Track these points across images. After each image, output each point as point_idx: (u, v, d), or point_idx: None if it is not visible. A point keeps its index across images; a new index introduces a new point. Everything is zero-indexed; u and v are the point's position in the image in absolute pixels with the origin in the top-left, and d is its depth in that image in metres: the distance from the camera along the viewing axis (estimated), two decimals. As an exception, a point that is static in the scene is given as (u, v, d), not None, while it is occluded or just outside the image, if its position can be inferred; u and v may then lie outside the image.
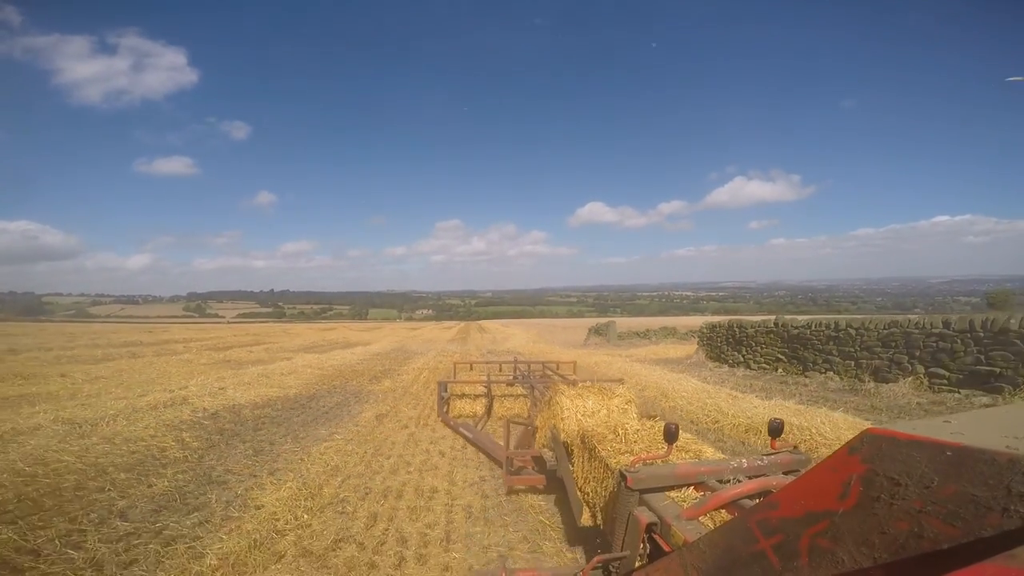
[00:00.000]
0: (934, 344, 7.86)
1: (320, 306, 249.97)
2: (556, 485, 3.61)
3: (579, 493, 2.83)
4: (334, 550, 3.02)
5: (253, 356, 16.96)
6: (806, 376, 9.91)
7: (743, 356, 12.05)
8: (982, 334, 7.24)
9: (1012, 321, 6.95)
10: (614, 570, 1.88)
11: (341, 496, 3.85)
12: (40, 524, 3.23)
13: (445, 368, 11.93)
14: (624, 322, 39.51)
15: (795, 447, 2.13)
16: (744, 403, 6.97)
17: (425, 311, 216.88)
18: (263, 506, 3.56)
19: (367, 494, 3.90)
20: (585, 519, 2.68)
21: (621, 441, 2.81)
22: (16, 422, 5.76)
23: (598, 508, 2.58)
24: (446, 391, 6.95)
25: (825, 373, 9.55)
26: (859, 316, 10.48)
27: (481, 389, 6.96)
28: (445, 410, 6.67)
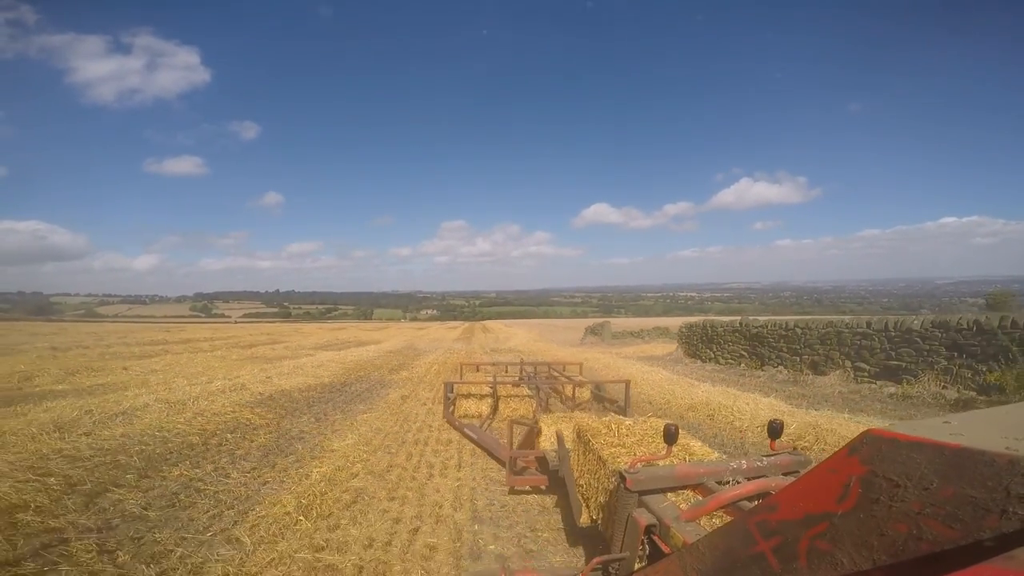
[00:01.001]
0: (859, 342, 9.46)
1: (325, 306, 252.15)
2: (558, 485, 3.78)
3: (576, 487, 2.98)
4: (387, 471, 4.69)
5: (277, 353, 18.70)
6: (762, 369, 11.53)
7: (714, 352, 13.68)
8: (893, 333, 8.84)
9: (915, 322, 8.54)
10: (613, 571, 1.90)
11: (386, 444, 5.55)
12: (192, 466, 4.92)
13: (453, 362, 13.62)
14: (621, 322, 41.09)
15: (794, 448, 2.15)
16: (697, 390, 8.61)
17: (429, 311, 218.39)
18: (336, 450, 5.25)
19: (403, 443, 5.60)
20: (584, 520, 2.70)
21: (614, 435, 2.97)
22: (124, 404, 7.46)
23: (592, 502, 2.67)
24: (452, 391, 6.97)
25: (776, 367, 11.17)
26: (806, 317, 12.03)
27: (487, 390, 7.01)
28: (451, 410, 6.72)
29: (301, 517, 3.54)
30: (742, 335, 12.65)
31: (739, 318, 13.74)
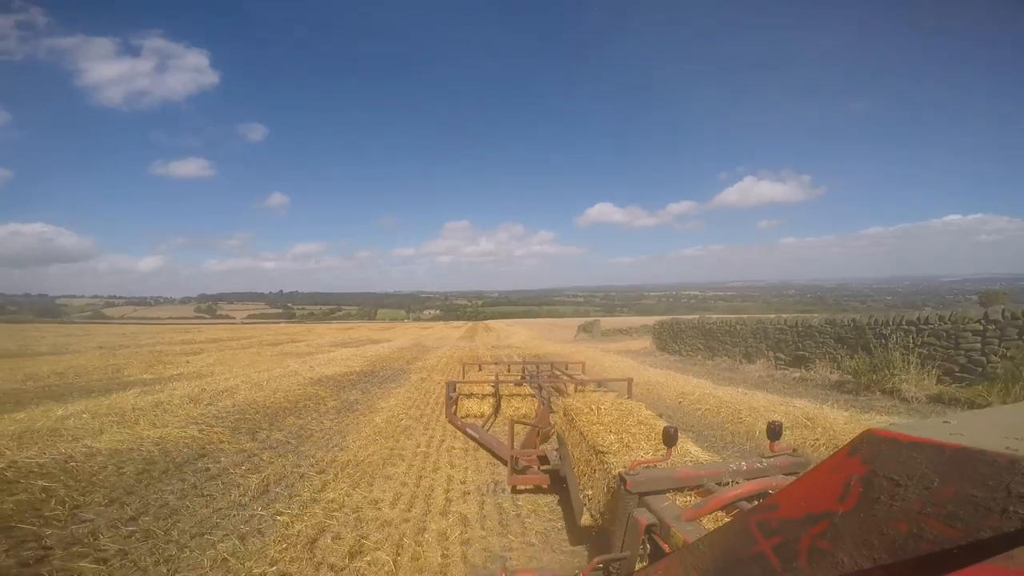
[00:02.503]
0: (778, 336, 11.96)
1: (329, 307, 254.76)
2: (560, 484, 3.88)
3: (574, 465, 3.09)
4: (420, 417, 7.21)
5: (303, 350, 21.29)
6: (712, 359, 14.04)
7: (678, 346, 16.21)
8: (800, 329, 11.34)
9: (815, 320, 11.04)
10: (614, 571, 1.91)
11: (416, 404, 8.09)
12: (297, 418, 7.43)
13: (459, 356, 16.19)
14: (612, 321, 43.63)
15: (794, 450, 2.18)
16: (647, 374, 11.12)
17: (432, 311, 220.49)
18: (384, 408, 7.79)
19: (427, 404, 8.14)
20: (586, 520, 2.73)
21: (594, 414, 3.27)
22: (220, 385, 9.97)
23: (584, 478, 2.84)
24: (454, 391, 7.06)
25: (722, 357, 13.69)
26: (748, 316, 14.52)
27: (489, 389, 7.13)
28: (453, 410, 6.79)
29: (378, 436, 6.09)
30: (699, 331, 15.17)
31: (697, 316, 16.27)
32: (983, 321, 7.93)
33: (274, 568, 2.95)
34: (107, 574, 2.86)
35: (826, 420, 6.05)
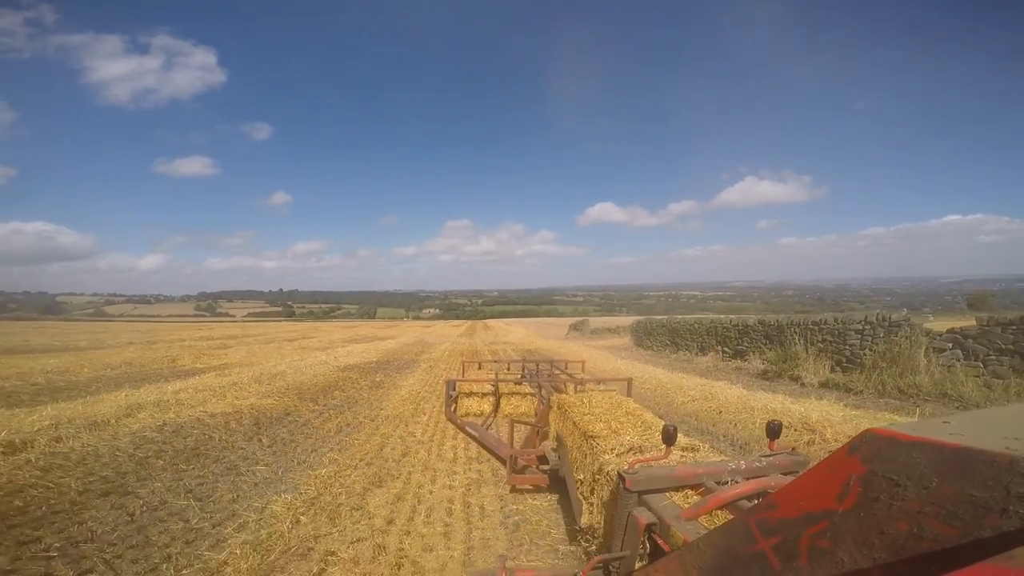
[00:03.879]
0: (725, 333, 14.41)
1: (328, 305, 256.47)
2: (559, 484, 3.93)
3: (567, 451, 3.23)
4: (432, 392, 9.62)
5: (318, 345, 23.66)
6: (676, 353, 16.49)
7: (651, 342, 18.68)
8: (740, 327, 13.78)
9: (751, 320, 13.50)
10: (614, 570, 1.92)
11: (429, 384, 10.51)
12: (341, 392, 9.82)
13: (460, 350, 18.63)
14: (603, 320, 46.14)
15: (793, 449, 2.19)
16: (616, 363, 13.55)
17: (432, 310, 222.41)
18: (404, 386, 10.22)
19: (438, 382, 10.54)
20: (585, 520, 2.78)
21: (586, 407, 3.57)
22: (270, 370, 12.37)
23: (577, 464, 3.00)
24: (454, 390, 7.10)
25: (684, 351, 16.14)
26: (708, 316, 16.98)
27: (489, 388, 7.12)
28: (452, 409, 6.82)
29: (405, 402, 8.50)
30: (667, 329, 17.64)
31: (666, 317, 18.73)
32: (863, 323, 10.36)
33: (362, 460, 5.36)
34: (273, 470, 5.23)
35: (723, 395, 8.48)
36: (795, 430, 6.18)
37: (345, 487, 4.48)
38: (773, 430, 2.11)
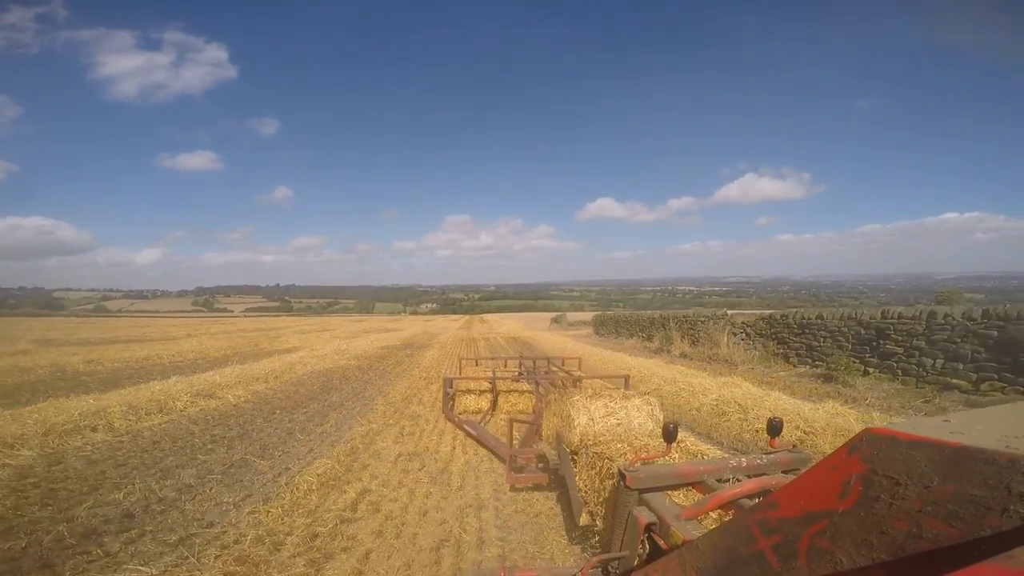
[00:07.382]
0: (643, 324, 20.20)
1: (326, 300, 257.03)
2: (559, 483, 3.98)
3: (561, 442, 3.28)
4: (448, 360, 15.35)
5: (344, 335, 28.85)
6: (618, 339, 22.27)
7: (606, 331, 24.53)
8: (652, 320, 19.58)
9: (669, 313, 19.35)
10: (613, 570, 1.93)
11: (445, 358, 16.24)
12: (383, 363, 15.50)
13: (462, 337, 24.33)
14: (580, 315, 51.98)
15: (794, 446, 2.19)
16: (569, 343, 19.32)
17: (429, 305, 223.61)
18: (428, 357, 16.04)
19: (448, 359, 16.29)
20: (585, 519, 2.78)
21: (580, 397, 3.68)
22: (339, 349, 17.88)
23: (565, 442, 3.19)
24: (451, 387, 7.06)
25: (624, 337, 21.95)
26: (644, 312, 22.80)
27: (486, 385, 7.11)
28: (450, 406, 6.78)
29: (432, 365, 14.22)
30: (615, 321, 23.48)
31: (613, 312, 24.56)
32: (705, 317, 16.14)
33: (415, 383, 11.07)
34: (379, 386, 10.87)
35: (625, 362, 14.13)
36: (658, 379, 11.37)
37: (415, 389, 10.26)
38: (774, 427, 2.11)
